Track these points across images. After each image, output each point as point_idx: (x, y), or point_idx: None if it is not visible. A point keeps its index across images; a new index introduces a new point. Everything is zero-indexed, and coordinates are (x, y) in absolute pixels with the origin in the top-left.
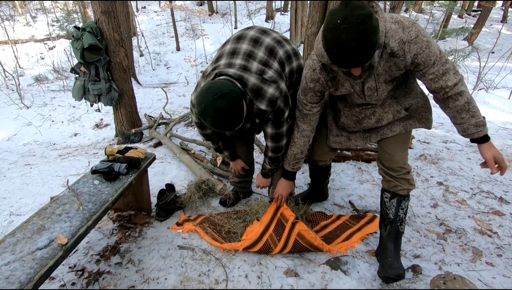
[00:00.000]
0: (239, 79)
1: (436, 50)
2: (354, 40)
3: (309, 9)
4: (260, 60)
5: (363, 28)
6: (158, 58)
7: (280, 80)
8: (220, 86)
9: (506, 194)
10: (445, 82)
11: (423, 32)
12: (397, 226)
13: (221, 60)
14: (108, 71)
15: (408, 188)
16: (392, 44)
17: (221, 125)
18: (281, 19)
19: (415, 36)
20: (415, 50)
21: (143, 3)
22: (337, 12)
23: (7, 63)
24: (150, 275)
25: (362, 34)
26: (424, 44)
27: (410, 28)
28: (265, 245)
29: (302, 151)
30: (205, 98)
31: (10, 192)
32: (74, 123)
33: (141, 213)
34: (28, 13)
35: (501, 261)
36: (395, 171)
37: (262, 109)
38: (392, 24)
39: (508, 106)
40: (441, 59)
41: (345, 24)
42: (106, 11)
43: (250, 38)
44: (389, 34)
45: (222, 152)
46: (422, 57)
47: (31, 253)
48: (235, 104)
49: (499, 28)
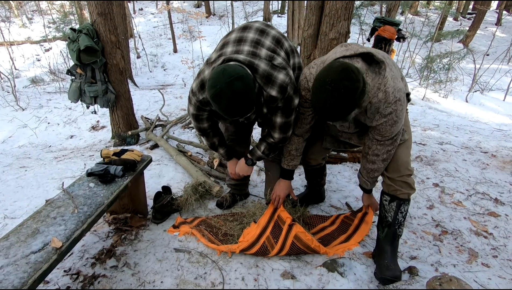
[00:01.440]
0: (249, 65)
1: (395, 130)
2: (330, 104)
3: (305, 11)
4: (268, 47)
5: (343, 99)
6: (155, 60)
7: (288, 68)
8: (236, 68)
9: (502, 195)
10: (375, 149)
11: (398, 112)
12: (395, 229)
13: (227, 48)
14: (105, 73)
15: (409, 192)
16: (369, 109)
17: (235, 109)
18: (278, 21)
19: (388, 113)
20: (381, 121)
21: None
22: (332, 71)
23: (2, 64)
24: (146, 279)
25: (339, 103)
26: (390, 121)
27: (390, 104)
28: (262, 247)
29: (297, 148)
30: (221, 79)
31: (5, 195)
32: (70, 125)
33: (137, 215)
34: (24, 14)
35: (497, 262)
36: (397, 173)
37: (272, 95)
38: (380, 93)
39: (503, 107)
40: (393, 140)
41: (330, 86)
42: (102, 13)
43: (256, 28)
44: (372, 100)
45: (217, 150)
46: (382, 127)
47: (25, 257)
48: (251, 88)
49: (493, 30)
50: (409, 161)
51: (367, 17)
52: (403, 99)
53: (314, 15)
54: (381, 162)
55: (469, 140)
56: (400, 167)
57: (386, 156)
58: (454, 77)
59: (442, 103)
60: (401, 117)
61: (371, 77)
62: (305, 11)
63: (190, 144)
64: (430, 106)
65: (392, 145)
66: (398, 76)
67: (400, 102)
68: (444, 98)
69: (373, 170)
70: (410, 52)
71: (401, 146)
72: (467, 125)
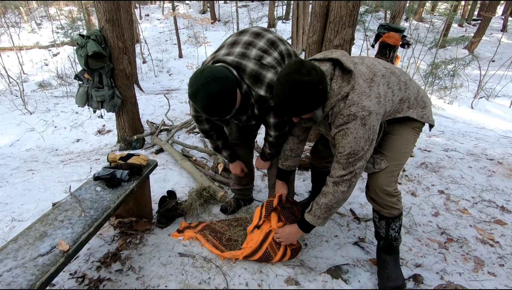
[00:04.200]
0: (236, 66)
1: (348, 146)
2: (283, 96)
3: (310, 18)
4: (260, 48)
5: (293, 91)
6: (160, 65)
7: (279, 67)
8: (214, 70)
9: (508, 203)
10: (332, 170)
11: (351, 128)
12: (390, 241)
13: (221, 50)
14: (112, 78)
15: (393, 213)
16: (330, 116)
17: (211, 110)
18: (282, 27)
19: (339, 124)
20: (334, 132)
21: (146, 11)
22: (287, 65)
23: (11, 69)
24: (150, 283)
25: (289, 95)
26: (341, 133)
27: (343, 116)
28: (265, 254)
29: (291, 149)
30: (198, 80)
31: (12, 197)
32: (77, 129)
33: (142, 219)
34: (33, 20)
35: (503, 271)
36: (376, 195)
37: (261, 95)
38: (342, 102)
39: (509, 114)
40: (348, 163)
41: (283, 80)
42: (110, 19)
43: (252, 32)
44: (334, 109)
45: (220, 152)
46: (336, 138)
47: (33, 259)
48: (227, 90)
49: (499, 37)
50: (389, 183)
51: (371, 24)
52: (363, 117)
53: (319, 22)
54: (332, 196)
55: (475, 147)
56: (376, 190)
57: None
58: (460, 83)
59: (447, 109)
60: (356, 136)
61: (338, 83)
62: (310, 17)
63: (195, 149)
64: (435, 113)
65: (347, 170)
66: (372, 94)
67: (355, 121)
68: (449, 105)
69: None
70: (414, 58)
71: (381, 171)
72: (473, 131)
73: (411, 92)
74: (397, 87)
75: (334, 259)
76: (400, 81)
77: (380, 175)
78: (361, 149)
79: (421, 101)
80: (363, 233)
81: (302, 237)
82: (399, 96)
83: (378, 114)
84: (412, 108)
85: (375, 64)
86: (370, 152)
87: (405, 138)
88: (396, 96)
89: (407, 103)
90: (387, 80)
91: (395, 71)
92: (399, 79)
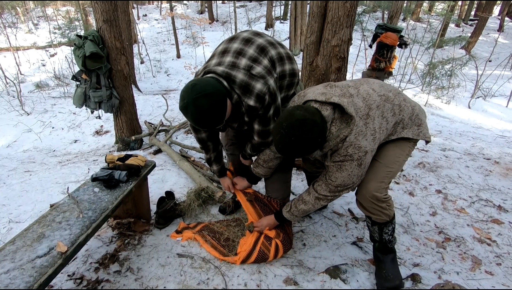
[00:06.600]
0: (226, 76)
1: (340, 179)
2: (282, 145)
3: (308, 18)
4: (249, 57)
5: (291, 145)
6: (158, 65)
7: (268, 76)
8: (205, 85)
9: (505, 202)
10: (319, 186)
11: (347, 165)
12: (385, 243)
13: (212, 60)
14: (109, 78)
15: (384, 218)
16: (332, 158)
17: (201, 124)
18: (280, 27)
19: (335, 161)
20: (329, 164)
21: (144, 11)
22: (290, 117)
23: (8, 69)
24: (149, 283)
25: (288, 147)
26: (336, 166)
27: (339, 155)
28: (260, 253)
29: (265, 160)
30: (188, 94)
31: (10, 199)
32: (74, 129)
33: (141, 220)
34: (30, 20)
35: (501, 270)
36: (364, 200)
37: (251, 105)
38: (341, 143)
39: (506, 114)
40: (338, 186)
41: (284, 131)
42: (108, 19)
43: (242, 38)
44: (333, 148)
45: (211, 165)
46: (329, 169)
47: (30, 261)
48: (217, 104)
49: (495, 37)
50: (378, 189)
51: (369, 24)
52: (359, 158)
53: (316, 22)
54: (312, 206)
55: (472, 147)
56: (366, 195)
57: (318, 203)
58: (457, 83)
59: (444, 109)
60: (350, 173)
61: (337, 126)
62: (308, 18)
63: (193, 149)
64: (433, 112)
65: (333, 193)
66: (367, 132)
67: (352, 161)
68: (447, 104)
69: (305, 211)
70: (412, 58)
71: (372, 177)
72: (470, 131)
73: (405, 114)
74: (391, 113)
75: (332, 259)
76: (394, 106)
77: (370, 181)
78: (352, 183)
79: (416, 119)
80: (361, 233)
81: (301, 237)
82: (393, 121)
83: (373, 151)
84: (407, 128)
85: (370, 93)
86: (358, 182)
87: (399, 148)
88: (390, 123)
89: (401, 124)
90: (381, 110)
91: (389, 97)
92: (393, 104)
